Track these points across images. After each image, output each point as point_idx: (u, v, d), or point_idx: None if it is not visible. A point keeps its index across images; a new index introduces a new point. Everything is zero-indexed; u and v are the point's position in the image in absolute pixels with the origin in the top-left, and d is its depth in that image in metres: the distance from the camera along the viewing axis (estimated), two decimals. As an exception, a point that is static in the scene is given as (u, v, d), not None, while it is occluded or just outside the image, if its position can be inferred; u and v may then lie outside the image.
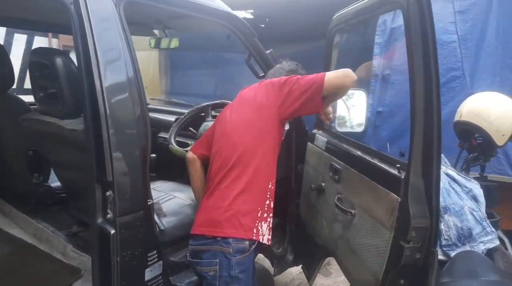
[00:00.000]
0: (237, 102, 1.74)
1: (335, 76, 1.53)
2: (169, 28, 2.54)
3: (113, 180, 1.28)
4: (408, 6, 1.10)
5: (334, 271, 3.06)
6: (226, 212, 1.50)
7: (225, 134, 1.64)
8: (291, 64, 1.83)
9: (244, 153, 1.55)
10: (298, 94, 1.54)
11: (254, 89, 1.70)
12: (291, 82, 1.57)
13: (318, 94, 1.52)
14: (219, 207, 1.51)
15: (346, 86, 1.55)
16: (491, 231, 1.85)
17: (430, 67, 1.09)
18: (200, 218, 1.56)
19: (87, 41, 1.29)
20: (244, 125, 1.61)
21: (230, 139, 1.60)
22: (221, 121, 1.73)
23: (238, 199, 1.51)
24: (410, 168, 1.20)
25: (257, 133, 1.59)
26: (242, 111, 1.66)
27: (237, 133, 1.60)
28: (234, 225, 1.49)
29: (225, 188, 1.54)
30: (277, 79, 1.64)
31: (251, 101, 1.65)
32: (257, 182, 1.55)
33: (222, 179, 1.55)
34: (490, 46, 2.77)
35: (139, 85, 1.39)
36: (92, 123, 1.30)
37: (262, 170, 1.56)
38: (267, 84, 1.65)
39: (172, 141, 2.21)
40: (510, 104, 2.08)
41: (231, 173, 1.54)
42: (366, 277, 1.41)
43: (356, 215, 1.52)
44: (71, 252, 1.71)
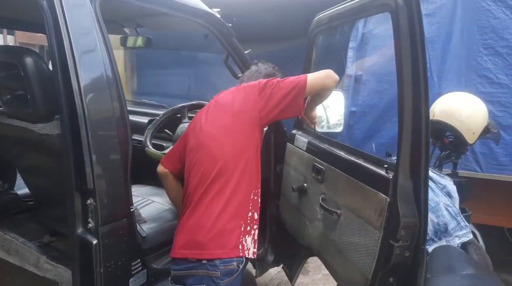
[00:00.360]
0: (212, 108, 1.60)
1: (317, 77, 1.49)
2: (141, 26, 2.45)
3: (94, 187, 1.22)
4: (397, 9, 1.11)
5: (312, 269, 3.09)
6: (210, 232, 1.40)
7: (201, 145, 1.52)
8: (268, 67, 1.75)
9: (225, 165, 1.45)
10: (280, 98, 1.47)
11: (231, 93, 1.59)
12: (272, 85, 1.50)
13: (300, 96, 1.47)
14: (202, 226, 1.41)
15: (329, 88, 1.52)
16: (465, 225, 1.93)
17: (419, 69, 1.11)
18: (181, 240, 1.45)
19: (62, 39, 1.22)
20: (222, 134, 1.50)
21: (208, 151, 1.49)
22: (195, 130, 1.59)
23: (222, 216, 1.41)
24: (399, 168, 1.22)
25: (237, 143, 1.48)
26: (219, 118, 1.54)
27: (216, 144, 1.49)
28: (220, 245, 1.40)
29: (207, 205, 1.43)
30: (256, 82, 1.56)
31: (228, 107, 1.54)
32: (240, 195, 1.46)
33: (203, 196, 1.44)
34: (456, 48, 2.89)
35: (118, 85, 1.33)
36: (69, 128, 1.22)
37: (244, 181, 1.47)
38: (245, 88, 1.56)
39: (148, 144, 2.14)
40: (479, 104, 2.19)
41: (212, 189, 1.43)
42: (355, 277, 1.42)
43: (342, 215, 1.53)
44: (45, 264, 1.61)
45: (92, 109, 1.23)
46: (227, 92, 1.62)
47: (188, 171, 1.55)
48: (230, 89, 1.62)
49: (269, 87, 1.50)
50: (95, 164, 1.22)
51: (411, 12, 1.09)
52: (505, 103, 2.75)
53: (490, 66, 2.80)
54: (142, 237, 1.58)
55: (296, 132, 2.14)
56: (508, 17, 2.74)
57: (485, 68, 2.81)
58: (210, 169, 1.45)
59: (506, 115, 2.73)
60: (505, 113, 2.74)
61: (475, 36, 2.83)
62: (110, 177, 1.28)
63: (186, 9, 1.75)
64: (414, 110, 1.15)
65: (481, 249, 2.05)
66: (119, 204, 1.31)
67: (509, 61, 2.75)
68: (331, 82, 1.50)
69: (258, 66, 1.77)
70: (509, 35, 2.74)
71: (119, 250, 1.31)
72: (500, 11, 2.76)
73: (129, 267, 1.37)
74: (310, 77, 1.48)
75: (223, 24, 1.92)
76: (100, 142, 1.25)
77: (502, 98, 2.75)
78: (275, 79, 1.53)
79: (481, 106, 2.19)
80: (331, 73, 1.50)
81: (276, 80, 1.52)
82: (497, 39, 2.78)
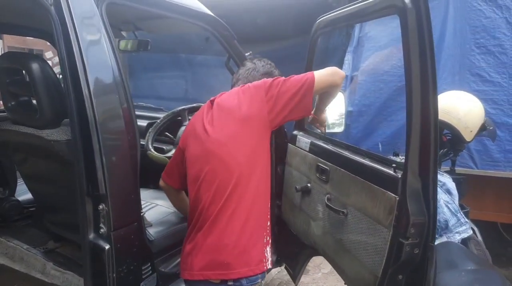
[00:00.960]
0: (217, 113, 1.47)
1: (325, 74, 1.43)
2: (139, 29, 2.44)
3: (107, 193, 1.21)
4: (406, 11, 1.13)
5: (312, 268, 3.11)
6: (234, 250, 1.33)
7: (211, 154, 1.40)
8: (265, 65, 1.67)
9: (241, 176, 1.35)
10: (288, 98, 1.40)
11: (236, 95, 1.47)
12: (278, 85, 1.41)
13: (309, 95, 1.40)
14: (225, 245, 1.33)
15: (337, 84, 1.47)
16: (465, 221, 1.97)
17: (428, 70, 1.13)
18: (201, 261, 1.35)
19: (71, 45, 1.21)
20: (233, 141, 1.39)
21: (221, 161, 1.37)
22: (197, 137, 1.47)
23: (245, 231, 1.34)
24: (408, 167, 1.24)
25: (251, 151, 1.39)
26: (227, 124, 1.42)
27: (228, 153, 1.38)
28: (245, 263, 1.33)
29: (227, 221, 1.34)
30: (261, 82, 1.46)
31: (235, 111, 1.42)
32: (259, 206, 1.39)
33: (221, 212, 1.34)
34: (449, 47, 2.95)
35: (126, 89, 1.33)
36: (80, 133, 1.21)
37: (261, 191, 1.40)
38: (250, 89, 1.46)
39: (150, 148, 2.14)
40: (475, 102, 2.24)
41: (230, 203, 1.34)
42: (364, 275, 1.44)
43: (348, 214, 1.55)
44: (52, 270, 1.59)
45: (102, 114, 1.23)
46: (231, 94, 1.51)
47: (195, 183, 1.43)
48: (234, 91, 1.52)
49: (276, 87, 1.41)
50: (107, 169, 1.22)
51: (419, 14, 1.11)
52: (497, 101, 2.82)
53: (483, 65, 2.86)
54: (150, 241, 1.58)
55: (297, 133, 2.15)
56: (499, 17, 2.81)
57: (478, 67, 2.87)
58: (226, 181, 1.36)
59: (499, 113, 2.80)
60: (498, 111, 2.81)
61: (467, 36, 2.90)
62: (121, 181, 1.28)
63: (189, 12, 1.76)
64: (423, 110, 1.17)
65: (481, 244, 2.10)
66: (130, 208, 1.32)
67: (500, 60, 2.82)
68: (339, 79, 1.45)
69: (255, 63, 1.67)
70: (500, 34, 2.81)
71: (131, 254, 1.31)
72: (491, 10, 2.83)
73: (140, 271, 1.37)
74: (317, 74, 1.42)
75: (224, 26, 1.92)
76: (111, 147, 1.25)
77: (495, 96, 2.82)
78: (281, 78, 1.45)
79: (478, 104, 2.24)
80: (337, 70, 1.46)
81: (282, 79, 1.44)
82: (488, 38, 2.85)
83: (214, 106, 1.50)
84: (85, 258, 1.26)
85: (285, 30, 4.18)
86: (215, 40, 1.96)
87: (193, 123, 1.56)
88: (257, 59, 1.70)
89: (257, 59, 1.69)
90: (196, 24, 1.80)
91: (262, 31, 4.35)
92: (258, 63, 1.67)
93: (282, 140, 2.25)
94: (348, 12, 1.50)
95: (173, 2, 1.64)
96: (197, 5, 1.83)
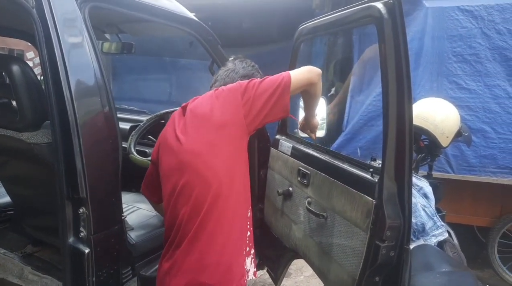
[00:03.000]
0: (189, 120, 1.37)
1: (300, 72, 1.39)
2: (123, 32, 2.44)
3: (87, 196, 1.21)
4: (382, 21, 1.17)
5: (294, 271, 3.14)
6: (217, 270, 1.26)
7: (186, 166, 1.30)
8: (246, 67, 1.57)
9: (220, 187, 1.27)
10: (266, 99, 1.32)
11: (209, 100, 1.37)
12: (254, 87, 1.33)
13: (286, 94, 1.33)
14: (207, 265, 1.25)
15: (314, 82, 1.40)
16: (441, 225, 2.03)
17: (403, 78, 1.17)
18: (181, 282, 1.27)
19: (53, 47, 1.21)
20: (209, 151, 1.29)
21: (197, 173, 1.28)
22: (171, 148, 1.36)
23: (227, 247, 1.27)
24: (384, 172, 1.28)
25: (229, 159, 1.31)
26: (201, 132, 1.32)
27: (204, 164, 1.28)
28: (228, 281, 1.27)
29: (208, 238, 1.25)
30: (236, 85, 1.37)
31: (208, 118, 1.33)
32: (240, 217, 1.33)
33: (200, 227, 1.26)
34: (428, 55, 3.04)
35: (108, 91, 1.33)
36: (61, 136, 1.21)
37: (242, 201, 1.34)
38: (224, 93, 1.36)
39: (132, 151, 2.12)
40: (451, 109, 2.32)
41: (210, 217, 1.25)
42: (342, 277, 1.47)
43: (328, 218, 1.58)
44: (30, 275, 1.57)
45: (83, 116, 1.23)
46: (203, 99, 1.40)
47: (171, 197, 1.33)
48: (207, 95, 1.41)
49: (252, 89, 1.33)
50: (87, 172, 1.21)
51: (395, 23, 1.16)
52: (473, 108, 2.92)
53: (460, 73, 2.96)
54: (131, 245, 1.58)
55: (280, 137, 2.18)
56: (475, 27, 2.92)
57: (455, 75, 2.97)
58: (204, 194, 1.26)
59: (475, 119, 2.90)
60: (474, 117, 2.91)
61: (445, 44, 2.99)
62: (102, 184, 1.28)
63: (172, 16, 1.77)
64: (399, 117, 1.21)
65: (456, 247, 2.17)
66: (111, 211, 1.32)
67: (476, 68, 2.93)
68: (315, 76, 1.39)
69: (235, 64, 1.58)
70: (476, 44, 2.91)
71: (111, 258, 1.31)
72: (467, 20, 2.93)
73: (120, 275, 1.37)
74: (293, 73, 1.36)
75: (208, 31, 1.94)
76: (91, 150, 1.25)
77: (471, 103, 2.92)
78: (256, 80, 1.37)
79: (454, 111, 2.32)
80: (313, 68, 1.41)
81: (258, 81, 1.36)
82: (465, 47, 2.95)
83: (187, 113, 1.40)
84: (65, 262, 1.25)
85: (270, 35, 4.23)
86: (199, 44, 1.98)
87: (164, 134, 1.46)
88: (238, 60, 1.60)
89: (239, 60, 1.60)
90: (180, 29, 1.82)
91: (247, 35, 4.39)
92: (239, 64, 1.58)
93: (264, 145, 2.28)
94: (329, 21, 1.54)
95: (157, 7, 1.65)
96: (180, 9, 1.84)
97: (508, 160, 2.82)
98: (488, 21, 2.86)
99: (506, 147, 2.83)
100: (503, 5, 2.81)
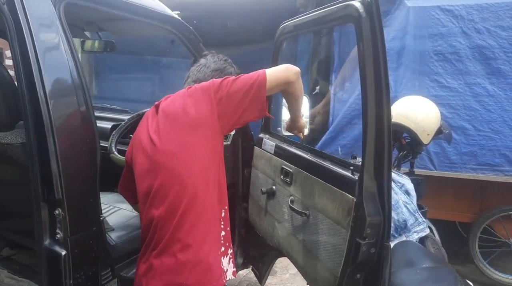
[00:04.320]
0: (162, 120, 1.34)
1: (277, 70, 1.34)
2: (103, 30, 2.40)
3: (63, 197, 1.19)
4: (360, 20, 1.18)
5: (279, 269, 3.14)
6: (194, 270, 1.23)
7: (160, 167, 1.27)
8: (217, 61, 1.51)
9: (195, 188, 1.25)
10: (240, 98, 1.28)
11: (182, 99, 1.33)
12: (227, 85, 1.29)
13: (261, 93, 1.28)
14: (184, 265, 1.22)
15: (291, 80, 1.33)
16: (422, 221, 2.06)
17: (381, 77, 1.18)
18: (158, 284, 1.25)
19: (26, 45, 1.18)
20: (184, 151, 1.27)
21: (172, 174, 1.26)
22: (145, 149, 1.34)
23: (203, 247, 1.25)
24: (364, 169, 1.28)
25: (202, 160, 1.28)
26: (174, 132, 1.29)
27: (179, 164, 1.26)
28: (208, 281, 1.26)
29: (184, 239, 1.24)
30: (209, 83, 1.32)
31: (181, 117, 1.30)
32: (214, 218, 1.31)
33: (177, 229, 1.23)
34: (410, 54, 3.07)
35: (85, 91, 1.31)
36: (35, 136, 1.18)
37: (215, 201, 1.31)
38: (196, 92, 1.32)
39: (113, 150, 2.09)
40: (432, 107, 2.35)
41: (187, 218, 1.23)
42: (324, 275, 1.48)
43: (310, 216, 1.58)
44: (6, 279, 1.53)
45: (58, 116, 1.20)
46: (176, 98, 1.37)
47: (146, 199, 1.31)
48: (179, 94, 1.38)
49: (225, 88, 1.29)
50: (63, 172, 1.19)
51: (373, 23, 1.16)
52: (454, 106, 2.96)
53: (441, 71, 3.00)
54: (111, 246, 1.55)
55: (263, 136, 2.18)
56: (455, 26, 2.96)
57: (436, 73, 3.01)
58: (180, 195, 1.24)
59: (456, 117, 2.94)
60: (454, 115, 2.95)
61: (426, 43, 3.03)
62: (79, 185, 1.25)
63: (152, 14, 1.74)
64: (377, 116, 1.22)
65: (437, 242, 2.20)
66: (89, 212, 1.29)
67: (457, 67, 2.97)
68: (292, 74, 1.33)
69: (207, 59, 1.53)
70: (456, 43, 2.95)
71: (89, 260, 1.29)
72: (448, 20, 2.97)
73: (99, 277, 1.34)
74: (269, 71, 1.32)
75: (189, 29, 1.92)
76: (67, 150, 1.22)
77: (452, 101, 2.97)
78: (230, 78, 1.32)
79: (434, 109, 2.35)
80: (290, 66, 1.35)
81: (232, 78, 1.32)
82: (446, 46, 2.99)
83: (159, 113, 1.37)
84: (41, 264, 1.23)
85: (255, 34, 4.23)
86: (180, 42, 1.96)
87: (137, 134, 1.43)
88: (210, 55, 1.55)
89: (211, 55, 1.55)
90: (160, 27, 1.80)
91: (232, 35, 4.38)
92: (211, 59, 1.53)
93: (248, 143, 2.27)
94: (309, 19, 1.55)
95: (135, 4, 1.62)
96: (161, 7, 1.82)
97: (487, 157, 2.87)
98: (468, 20, 2.90)
99: (486, 144, 2.88)
100: (481, 5, 2.85)
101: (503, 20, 2.81)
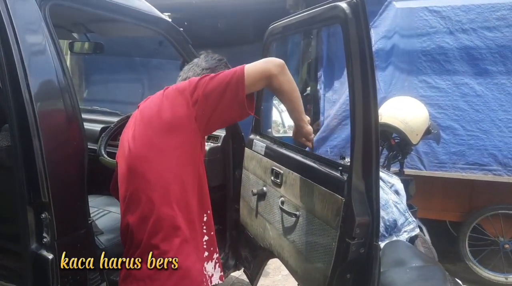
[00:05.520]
0: (138, 122, 1.30)
1: (255, 64, 1.25)
2: (90, 31, 2.38)
3: (50, 201, 1.17)
4: (347, 21, 1.18)
5: (272, 270, 3.14)
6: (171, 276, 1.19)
7: (134, 172, 1.24)
8: (209, 60, 1.45)
9: (169, 195, 1.21)
10: (216, 97, 1.20)
11: (158, 101, 1.27)
12: (203, 84, 1.22)
13: (240, 89, 1.19)
14: (159, 272, 1.19)
15: (273, 73, 1.23)
16: (412, 220, 2.07)
17: (368, 77, 1.19)
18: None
19: (10, 46, 1.16)
20: (157, 156, 1.22)
21: (145, 180, 1.22)
22: (123, 153, 1.31)
23: (181, 253, 1.21)
24: (352, 170, 1.29)
25: (177, 165, 1.23)
26: (149, 136, 1.24)
27: (151, 170, 1.22)
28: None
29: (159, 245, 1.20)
30: (185, 83, 1.26)
31: (156, 120, 1.24)
32: (194, 224, 1.26)
33: (151, 237, 1.21)
34: (398, 55, 3.10)
35: (72, 93, 1.29)
36: (20, 139, 1.17)
37: (195, 208, 1.27)
38: (172, 93, 1.26)
39: (103, 153, 2.08)
40: (421, 107, 2.37)
41: (162, 225, 1.21)
42: (314, 275, 1.48)
43: (300, 217, 1.58)
44: (-8, 284, 1.51)
45: (44, 119, 1.19)
46: (153, 100, 1.31)
47: (123, 203, 1.28)
48: (157, 95, 1.32)
49: (201, 87, 1.21)
50: (49, 175, 1.17)
51: (359, 24, 1.17)
52: (443, 106, 2.99)
53: (429, 72, 3.04)
54: (100, 249, 1.54)
55: (254, 137, 2.18)
56: (443, 27, 2.99)
57: (425, 74, 3.05)
58: (151, 201, 1.22)
59: (444, 117, 2.97)
60: (443, 115, 2.98)
61: (415, 44, 3.06)
62: (66, 188, 1.24)
63: (139, 15, 1.74)
64: (365, 116, 1.23)
65: (427, 242, 2.22)
66: (76, 215, 1.28)
67: (445, 67, 3.00)
68: (274, 67, 1.23)
69: (200, 58, 1.48)
70: (444, 43, 2.99)
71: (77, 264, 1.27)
72: (435, 21, 3.01)
73: (88, 281, 1.33)
74: (248, 66, 1.24)
75: (177, 30, 1.92)
76: (54, 153, 1.20)
77: (440, 101, 3.00)
78: (207, 77, 1.24)
79: (423, 110, 2.37)
80: (271, 58, 1.28)
81: (209, 77, 1.24)
82: (434, 47, 3.02)
83: (137, 116, 1.33)
84: (27, 269, 1.21)
85: (245, 35, 4.24)
86: (169, 44, 1.95)
87: (122, 137, 1.40)
88: (204, 55, 1.49)
89: (204, 55, 1.49)
90: (148, 28, 1.79)
91: (223, 35, 4.38)
92: (203, 57, 1.47)
93: (239, 145, 2.27)
94: (297, 20, 1.55)
95: (121, 5, 1.61)
96: (148, 8, 1.81)
97: (476, 156, 2.90)
98: (455, 21, 2.94)
99: (474, 144, 2.91)
100: (468, 6, 2.89)
101: (489, 21, 2.85)
